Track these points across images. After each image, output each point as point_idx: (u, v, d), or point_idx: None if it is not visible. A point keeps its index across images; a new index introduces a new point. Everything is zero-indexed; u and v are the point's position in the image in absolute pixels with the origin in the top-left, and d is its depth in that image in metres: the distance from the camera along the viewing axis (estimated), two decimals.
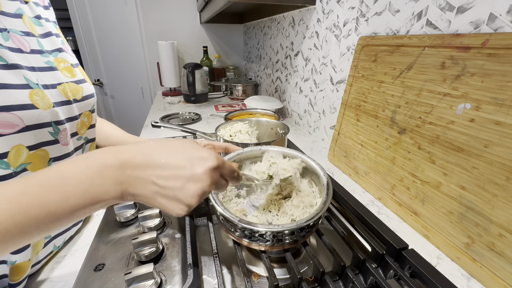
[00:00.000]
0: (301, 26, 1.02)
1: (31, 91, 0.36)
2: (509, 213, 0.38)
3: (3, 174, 0.34)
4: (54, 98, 0.40)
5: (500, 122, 0.39)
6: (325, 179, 0.48)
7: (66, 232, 0.48)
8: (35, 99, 0.36)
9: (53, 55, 0.43)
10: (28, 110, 0.35)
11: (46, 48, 0.42)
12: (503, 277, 0.38)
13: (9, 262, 0.37)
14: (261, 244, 0.40)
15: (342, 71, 0.81)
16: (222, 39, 1.89)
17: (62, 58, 0.45)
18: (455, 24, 0.47)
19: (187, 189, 0.29)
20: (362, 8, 0.69)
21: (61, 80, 0.42)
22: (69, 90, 0.43)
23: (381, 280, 0.37)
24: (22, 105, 0.34)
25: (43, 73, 0.39)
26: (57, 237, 0.46)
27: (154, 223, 0.48)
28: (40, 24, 0.43)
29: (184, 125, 1.16)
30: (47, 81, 0.40)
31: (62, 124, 0.41)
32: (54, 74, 0.41)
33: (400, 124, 0.56)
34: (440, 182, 0.48)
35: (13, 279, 0.37)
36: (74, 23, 1.94)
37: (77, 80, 0.46)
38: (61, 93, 0.41)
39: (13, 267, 0.37)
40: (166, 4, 1.68)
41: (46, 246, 0.43)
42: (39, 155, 0.38)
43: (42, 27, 0.43)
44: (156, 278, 0.37)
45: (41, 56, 0.40)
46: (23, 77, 0.35)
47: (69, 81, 0.44)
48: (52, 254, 0.46)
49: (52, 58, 0.43)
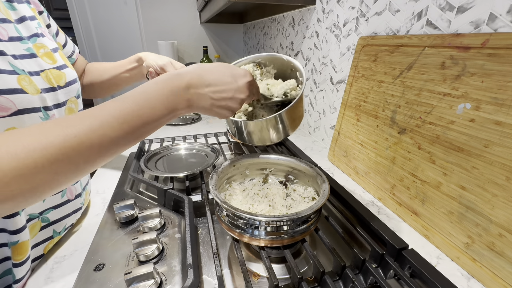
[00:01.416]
0: (301, 26, 1.02)
1: (19, 77, 0.36)
2: (509, 213, 0.38)
3: None
4: (39, 85, 0.39)
5: (500, 122, 0.39)
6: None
7: (65, 218, 0.48)
8: (23, 84, 0.36)
9: (31, 41, 0.42)
10: (19, 94, 0.35)
11: (24, 34, 0.41)
12: (503, 277, 0.38)
13: (10, 243, 0.38)
14: (261, 238, 0.40)
15: (342, 71, 0.81)
16: (222, 39, 1.89)
17: (40, 43, 0.43)
18: (455, 24, 0.47)
19: (236, 99, 0.40)
20: (362, 8, 0.69)
21: (43, 67, 0.41)
22: (52, 76, 0.42)
23: (381, 280, 0.37)
24: (12, 89, 0.34)
25: (25, 61, 0.39)
26: (56, 222, 0.46)
27: (154, 223, 0.48)
28: (14, 8, 0.41)
29: (184, 125, 1.16)
30: (30, 68, 0.39)
31: (50, 110, 0.41)
32: (35, 61, 0.40)
33: (400, 124, 0.56)
34: (440, 182, 0.48)
35: (17, 258, 0.38)
36: (74, 23, 1.94)
37: (59, 66, 0.45)
38: (45, 80, 0.41)
39: (15, 247, 0.38)
40: (166, 4, 1.68)
41: (44, 229, 0.44)
42: None
43: (16, 11, 0.41)
44: (156, 278, 0.37)
45: (21, 43, 0.39)
46: (9, 63, 0.35)
47: (51, 67, 0.43)
48: (54, 241, 0.47)
49: (31, 45, 0.41)
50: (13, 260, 0.38)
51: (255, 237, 0.41)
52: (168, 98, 0.35)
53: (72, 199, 0.48)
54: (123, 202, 0.52)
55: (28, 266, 0.41)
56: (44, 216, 0.43)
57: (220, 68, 0.40)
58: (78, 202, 0.50)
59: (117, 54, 2.00)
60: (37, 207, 0.42)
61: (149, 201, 0.60)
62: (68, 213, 0.48)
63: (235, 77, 0.40)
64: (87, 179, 0.57)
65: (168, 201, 0.57)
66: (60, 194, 0.46)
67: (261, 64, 0.55)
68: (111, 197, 0.61)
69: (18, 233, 0.38)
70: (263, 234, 0.40)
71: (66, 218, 0.48)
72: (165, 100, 0.35)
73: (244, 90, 0.41)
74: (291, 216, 0.39)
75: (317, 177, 0.49)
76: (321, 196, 0.44)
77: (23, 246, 0.39)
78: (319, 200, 0.42)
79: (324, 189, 0.45)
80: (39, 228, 0.43)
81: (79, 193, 0.50)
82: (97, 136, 0.29)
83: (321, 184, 0.47)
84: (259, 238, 0.41)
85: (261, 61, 0.55)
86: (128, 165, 0.76)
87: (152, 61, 0.64)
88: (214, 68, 0.40)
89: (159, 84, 0.36)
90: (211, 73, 0.39)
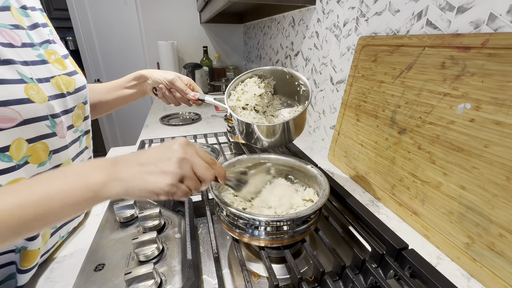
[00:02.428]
0: (301, 26, 1.02)
1: (26, 86, 0.36)
2: (509, 213, 0.38)
3: (7, 167, 0.35)
4: (48, 91, 0.39)
5: (500, 122, 0.39)
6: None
7: (69, 222, 0.49)
8: (31, 93, 0.36)
9: (43, 48, 0.42)
10: (25, 104, 0.35)
11: (36, 40, 0.41)
12: (503, 277, 0.38)
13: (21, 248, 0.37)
14: (261, 238, 0.40)
15: (342, 71, 0.81)
16: (222, 39, 1.89)
17: (52, 50, 0.44)
18: (455, 24, 0.47)
19: (167, 160, 0.33)
20: (362, 8, 0.69)
21: (54, 73, 0.42)
22: (62, 83, 0.43)
23: (381, 280, 0.37)
24: (18, 100, 0.34)
25: (36, 67, 0.39)
26: (62, 227, 0.47)
27: (154, 223, 0.48)
28: (27, 15, 0.41)
29: (184, 125, 1.16)
30: (40, 74, 0.39)
31: (58, 117, 0.41)
32: (46, 67, 0.41)
33: (400, 124, 0.56)
34: (440, 182, 0.48)
35: (24, 265, 0.38)
36: (74, 23, 1.94)
37: (69, 72, 0.46)
38: (54, 86, 0.41)
39: (24, 253, 0.38)
40: (166, 4, 1.68)
41: (52, 236, 0.44)
42: (39, 148, 0.38)
43: (29, 18, 0.42)
44: (156, 278, 0.37)
45: (32, 50, 0.40)
46: (17, 72, 0.35)
47: (61, 73, 0.43)
48: (58, 244, 0.47)
49: (43, 51, 0.42)
50: (20, 267, 0.38)
51: (255, 237, 0.41)
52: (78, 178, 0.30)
53: None
54: (123, 202, 0.52)
55: (32, 274, 0.40)
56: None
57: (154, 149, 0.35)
58: None
59: (117, 54, 2.00)
60: None
61: (149, 201, 0.60)
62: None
63: (168, 151, 0.34)
64: None
65: (168, 201, 0.57)
66: None
67: (262, 76, 0.60)
68: None
69: (32, 240, 0.38)
70: (263, 234, 0.40)
71: (70, 222, 0.49)
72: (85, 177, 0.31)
73: (177, 149, 0.34)
74: (291, 216, 0.39)
75: (317, 177, 0.49)
76: (321, 196, 0.44)
77: (33, 254, 0.39)
78: (319, 200, 0.42)
79: (324, 189, 0.45)
80: (49, 236, 0.43)
81: None
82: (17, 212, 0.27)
83: (321, 184, 0.47)
84: (259, 238, 0.41)
85: (263, 74, 0.59)
86: None
87: (160, 77, 0.64)
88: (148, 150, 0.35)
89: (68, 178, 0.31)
90: (143, 153, 0.34)
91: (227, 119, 0.87)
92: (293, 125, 0.53)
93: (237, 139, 0.83)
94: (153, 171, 0.32)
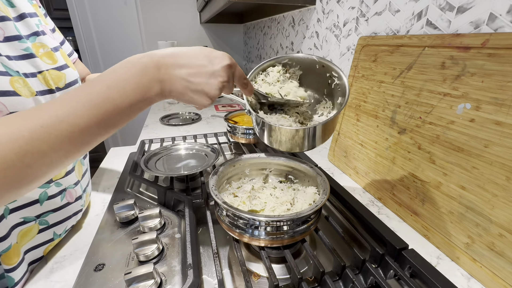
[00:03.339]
0: (301, 26, 1.02)
1: (12, 78, 0.34)
2: (509, 213, 0.38)
3: None
4: (35, 87, 0.38)
5: (500, 122, 0.39)
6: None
7: (66, 221, 0.48)
8: (16, 86, 0.35)
9: (31, 41, 0.40)
10: (11, 97, 0.34)
11: (23, 33, 0.39)
12: (503, 277, 0.38)
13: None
14: (261, 238, 0.40)
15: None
16: (222, 39, 1.89)
17: (40, 43, 0.42)
18: (455, 24, 0.47)
19: (211, 83, 0.36)
20: (362, 8, 0.69)
21: (41, 67, 0.40)
22: (50, 78, 0.41)
23: (381, 280, 0.37)
24: (4, 91, 0.33)
25: (21, 62, 0.37)
26: (57, 225, 0.46)
27: (154, 223, 0.48)
28: (12, 5, 0.39)
29: (184, 125, 1.16)
30: (26, 69, 0.37)
31: None
32: (33, 62, 0.39)
33: (400, 124, 0.56)
34: (440, 182, 0.48)
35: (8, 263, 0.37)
36: (74, 23, 1.94)
37: (59, 66, 0.43)
38: (41, 81, 0.39)
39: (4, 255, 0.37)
40: (166, 4, 1.68)
41: (43, 232, 0.43)
42: None
43: (14, 8, 0.39)
44: (156, 278, 0.37)
45: (19, 43, 0.38)
46: (1, 64, 0.34)
47: (50, 68, 0.41)
48: (54, 243, 0.46)
49: (30, 44, 0.39)
50: (5, 266, 0.37)
51: (255, 237, 0.41)
52: (139, 79, 0.33)
53: (72, 201, 0.48)
54: (123, 202, 0.52)
55: (23, 269, 0.40)
56: (42, 219, 0.43)
57: (195, 50, 0.38)
58: (78, 204, 0.50)
59: (117, 54, 2.00)
60: (34, 210, 0.41)
61: (149, 201, 0.60)
62: (68, 215, 0.48)
63: (211, 60, 0.37)
64: (88, 181, 0.56)
65: (168, 201, 0.57)
66: (59, 197, 0.45)
67: (288, 64, 0.54)
68: (111, 197, 0.61)
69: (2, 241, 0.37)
70: (263, 234, 0.40)
71: (66, 220, 0.48)
72: (136, 81, 0.32)
73: (221, 73, 0.37)
74: (291, 216, 0.39)
75: (317, 177, 0.49)
76: (321, 196, 0.44)
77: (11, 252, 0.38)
78: (319, 200, 0.42)
79: (324, 189, 0.45)
80: (36, 231, 0.42)
81: (79, 196, 0.50)
82: (65, 125, 0.27)
83: (321, 184, 0.47)
84: (259, 238, 0.41)
85: (288, 62, 0.53)
86: (128, 165, 0.76)
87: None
88: (188, 50, 0.37)
89: (128, 63, 0.33)
90: (184, 55, 0.36)
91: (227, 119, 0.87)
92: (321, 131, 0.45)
93: (237, 139, 0.83)
94: (199, 90, 0.36)
